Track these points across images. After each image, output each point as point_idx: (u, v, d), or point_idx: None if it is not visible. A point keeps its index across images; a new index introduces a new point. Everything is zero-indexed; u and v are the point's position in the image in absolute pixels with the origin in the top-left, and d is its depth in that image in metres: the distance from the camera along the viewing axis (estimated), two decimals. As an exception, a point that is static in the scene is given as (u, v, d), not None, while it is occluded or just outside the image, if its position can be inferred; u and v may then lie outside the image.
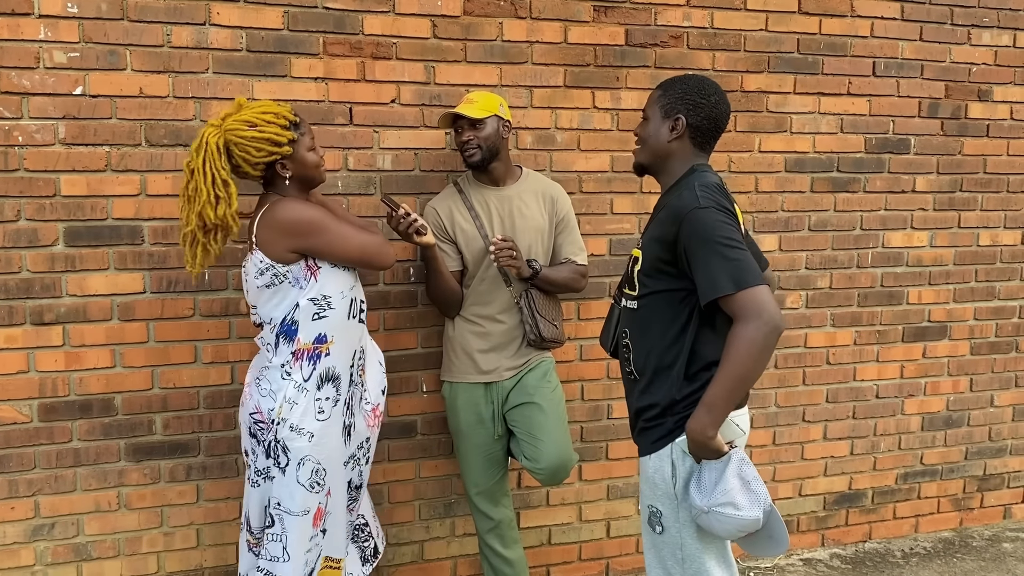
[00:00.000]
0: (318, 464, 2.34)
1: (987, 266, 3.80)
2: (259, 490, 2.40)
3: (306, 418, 2.32)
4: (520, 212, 2.79)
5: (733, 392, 1.88)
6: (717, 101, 2.10)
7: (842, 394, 3.67)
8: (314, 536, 2.38)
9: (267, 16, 2.78)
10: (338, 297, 2.34)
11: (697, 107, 2.08)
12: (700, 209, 1.93)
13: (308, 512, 2.34)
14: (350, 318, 2.38)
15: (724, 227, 1.92)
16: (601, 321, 3.28)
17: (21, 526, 2.75)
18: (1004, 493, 4.01)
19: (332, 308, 2.33)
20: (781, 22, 3.35)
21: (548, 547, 3.35)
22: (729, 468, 1.94)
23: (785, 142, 3.44)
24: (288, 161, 2.33)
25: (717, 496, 1.92)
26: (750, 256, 1.92)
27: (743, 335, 1.85)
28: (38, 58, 2.60)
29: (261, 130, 2.26)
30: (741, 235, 1.96)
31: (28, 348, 2.69)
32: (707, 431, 1.90)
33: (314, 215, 2.29)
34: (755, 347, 1.84)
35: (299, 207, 2.30)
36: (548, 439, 2.72)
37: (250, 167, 2.31)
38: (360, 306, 2.44)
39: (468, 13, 2.98)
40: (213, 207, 2.29)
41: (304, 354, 2.32)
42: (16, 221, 2.64)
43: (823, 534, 3.74)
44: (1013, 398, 3.93)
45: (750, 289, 1.85)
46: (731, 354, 1.86)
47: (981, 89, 3.66)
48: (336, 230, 2.30)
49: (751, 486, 1.94)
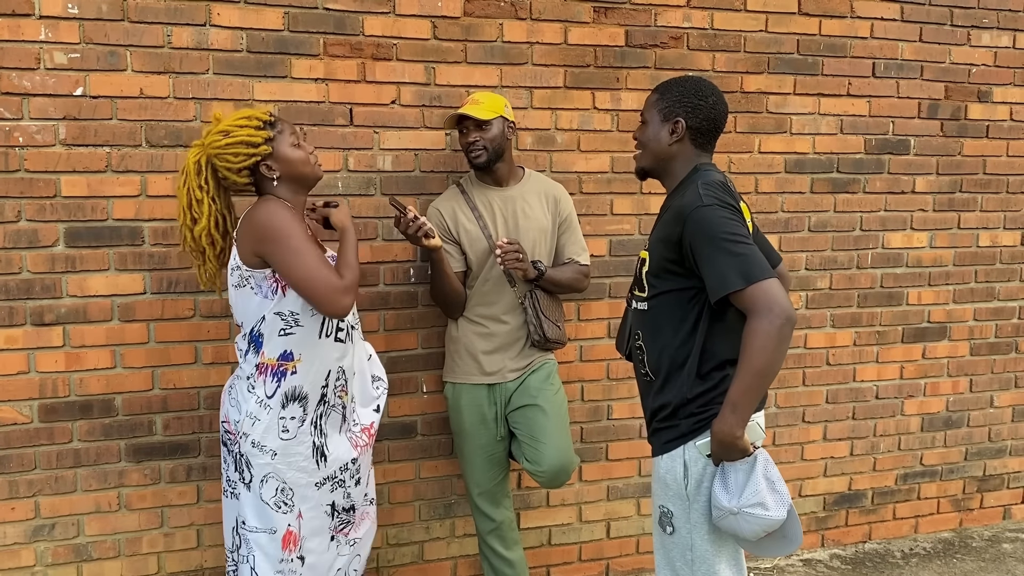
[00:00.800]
0: (283, 483, 2.23)
1: (987, 267, 3.81)
2: (230, 503, 2.33)
3: (268, 435, 2.21)
4: (523, 212, 2.79)
5: (754, 388, 1.88)
6: (715, 102, 2.10)
7: (842, 395, 3.67)
8: (285, 559, 2.26)
9: (267, 17, 2.78)
10: (307, 314, 2.21)
11: (696, 109, 2.09)
12: (703, 207, 1.94)
13: (275, 532, 2.24)
14: (323, 336, 2.25)
15: (728, 223, 1.92)
16: (600, 322, 3.29)
17: (21, 527, 2.75)
18: (1004, 494, 4.01)
19: (300, 325, 2.21)
20: (781, 23, 3.36)
21: (548, 548, 3.35)
22: (757, 469, 1.94)
23: (785, 143, 3.44)
24: (271, 161, 2.24)
25: (748, 497, 1.92)
26: (757, 250, 1.92)
27: (758, 329, 1.85)
28: (39, 59, 2.60)
29: (235, 135, 2.19)
30: (747, 231, 1.96)
31: (28, 349, 2.69)
32: (734, 431, 1.90)
33: (280, 223, 2.13)
34: (771, 340, 1.85)
35: (273, 210, 2.16)
36: (550, 442, 2.73)
37: (234, 175, 2.23)
38: (336, 324, 2.28)
39: (468, 14, 2.99)
40: (191, 228, 2.28)
41: (268, 369, 2.22)
42: (17, 222, 2.64)
43: (823, 535, 3.74)
44: (1013, 399, 3.94)
45: (760, 283, 1.86)
46: (748, 350, 1.87)
47: (981, 90, 3.67)
48: (294, 247, 2.12)
49: (776, 487, 1.95)
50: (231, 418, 2.29)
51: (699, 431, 2.02)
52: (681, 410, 2.04)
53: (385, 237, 2.98)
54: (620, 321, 2.36)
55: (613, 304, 3.29)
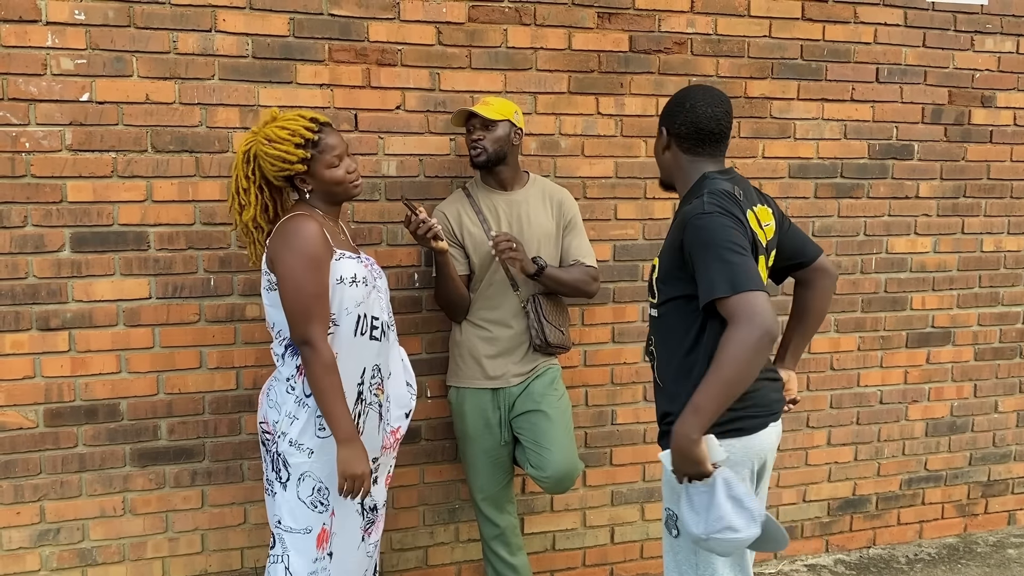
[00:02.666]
0: (320, 482, 2.26)
1: (991, 272, 3.80)
2: (269, 501, 2.36)
3: (305, 434, 2.25)
4: (528, 216, 2.80)
5: (721, 396, 1.87)
6: (692, 106, 2.09)
7: (846, 400, 3.67)
8: (319, 559, 2.29)
9: (273, 23, 2.79)
10: (343, 314, 2.26)
11: (673, 115, 2.13)
12: (704, 215, 1.95)
13: (311, 531, 2.26)
14: (357, 335, 2.29)
15: (727, 231, 1.92)
16: (604, 327, 3.30)
17: (26, 531, 2.76)
18: (1008, 499, 4.00)
19: (336, 325, 2.26)
20: (785, 28, 3.36)
21: (552, 553, 3.35)
22: (718, 490, 1.90)
23: (789, 148, 3.44)
24: (307, 177, 2.28)
25: (713, 524, 1.90)
26: (751, 262, 1.92)
27: (734, 338, 1.84)
28: (45, 65, 2.61)
29: (275, 146, 2.23)
30: (746, 241, 1.96)
31: (34, 354, 2.70)
32: (691, 434, 1.88)
33: (296, 248, 2.17)
34: (746, 351, 1.83)
35: (295, 230, 2.20)
36: (554, 448, 2.73)
37: (272, 179, 2.31)
38: (371, 323, 2.33)
39: (473, 20, 3.00)
40: (239, 212, 2.34)
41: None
42: (23, 227, 2.65)
43: (827, 540, 3.74)
44: (1017, 404, 3.93)
45: (746, 293, 1.85)
46: (720, 357, 1.86)
47: (984, 95, 3.67)
48: (293, 276, 2.16)
49: (744, 503, 1.91)
50: (270, 419, 2.32)
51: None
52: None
53: (389, 242, 2.99)
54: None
55: (617, 309, 3.29)
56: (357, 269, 2.29)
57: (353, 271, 2.27)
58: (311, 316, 2.17)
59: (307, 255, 2.17)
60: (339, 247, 2.29)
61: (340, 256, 2.26)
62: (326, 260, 2.21)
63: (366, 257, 2.43)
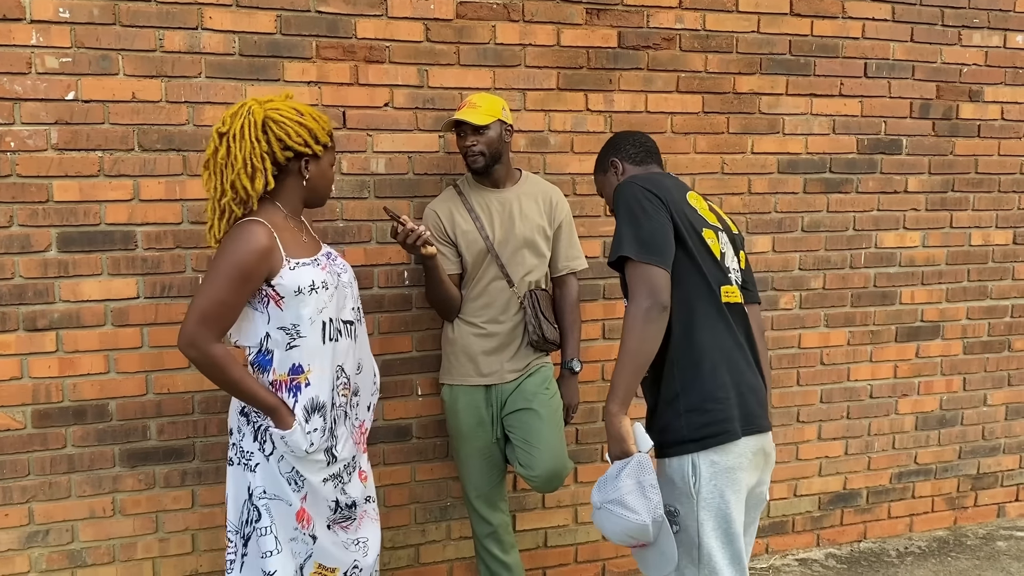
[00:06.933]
0: (293, 469, 2.22)
1: (979, 266, 3.82)
2: (241, 475, 2.25)
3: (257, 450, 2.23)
4: (520, 214, 2.79)
5: (626, 369, 1.96)
6: (626, 137, 2.40)
7: (836, 394, 3.68)
8: (298, 529, 2.24)
9: (260, 20, 2.77)
10: (306, 324, 2.18)
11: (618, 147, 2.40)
12: (626, 183, 2.13)
13: (291, 505, 2.22)
14: (327, 341, 2.23)
15: (645, 199, 2.05)
16: (595, 323, 3.30)
17: (15, 533, 2.74)
18: (998, 492, 4.03)
19: (303, 336, 2.18)
20: (773, 24, 3.36)
21: (544, 550, 3.35)
22: (629, 468, 1.96)
23: (778, 143, 3.45)
24: (312, 164, 2.24)
25: (609, 492, 1.96)
26: (665, 233, 2.02)
27: (628, 310, 1.99)
28: (30, 63, 2.59)
29: (306, 121, 2.20)
30: (663, 215, 2.04)
31: (21, 354, 2.68)
32: (610, 407, 1.98)
33: (232, 254, 2.10)
34: (637, 321, 1.95)
35: (246, 242, 2.11)
36: (544, 446, 2.72)
37: (279, 150, 2.17)
38: (336, 326, 2.26)
39: (461, 16, 2.99)
40: (250, 177, 2.15)
41: (282, 386, 2.19)
42: (9, 227, 2.63)
43: (818, 534, 3.75)
44: (1006, 397, 3.95)
45: (647, 265, 1.97)
46: (623, 331, 1.98)
47: (972, 90, 3.68)
48: (216, 277, 2.10)
49: (646, 492, 1.94)
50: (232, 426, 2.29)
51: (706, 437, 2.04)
52: (669, 408, 2.08)
53: (379, 240, 2.98)
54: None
55: (607, 305, 3.30)
56: (315, 275, 2.20)
57: (311, 278, 2.19)
58: (207, 318, 2.11)
59: (239, 266, 2.10)
60: (294, 255, 2.19)
61: (295, 265, 2.17)
62: (257, 276, 2.14)
63: (328, 251, 2.35)
